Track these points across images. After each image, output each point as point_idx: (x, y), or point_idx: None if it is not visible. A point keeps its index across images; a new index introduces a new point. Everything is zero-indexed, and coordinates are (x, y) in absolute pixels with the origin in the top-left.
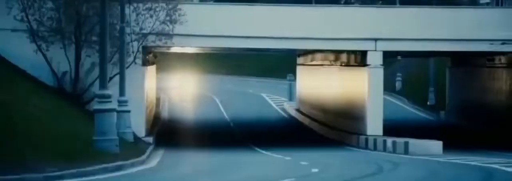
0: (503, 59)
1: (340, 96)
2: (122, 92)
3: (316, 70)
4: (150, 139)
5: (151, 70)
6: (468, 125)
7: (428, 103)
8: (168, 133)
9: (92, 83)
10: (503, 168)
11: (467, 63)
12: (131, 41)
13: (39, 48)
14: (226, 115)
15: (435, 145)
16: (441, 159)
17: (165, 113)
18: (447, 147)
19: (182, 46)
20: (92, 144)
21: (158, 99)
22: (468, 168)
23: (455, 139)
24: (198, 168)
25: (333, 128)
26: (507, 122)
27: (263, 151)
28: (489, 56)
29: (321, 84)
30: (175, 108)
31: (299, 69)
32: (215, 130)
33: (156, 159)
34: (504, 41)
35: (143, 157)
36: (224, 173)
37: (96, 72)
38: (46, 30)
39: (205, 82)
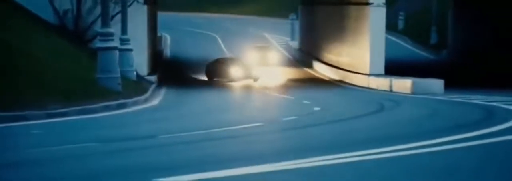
0: None
1: (342, 36)
2: (124, 30)
3: (319, 9)
4: (152, 78)
5: (152, 8)
6: (469, 64)
7: (430, 42)
8: (170, 71)
9: (94, 21)
10: (504, 106)
11: (472, 2)
12: None
13: None
14: (228, 54)
15: (437, 84)
16: (442, 98)
17: (166, 51)
18: (448, 86)
19: None
20: (95, 82)
21: (159, 37)
22: (469, 106)
23: (456, 78)
24: (200, 106)
25: (336, 67)
26: (508, 61)
27: (265, 90)
28: None
29: (324, 24)
30: (176, 46)
31: (301, 9)
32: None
33: (158, 97)
34: None
35: (146, 95)
36: (226, 112)
37: (98, 10)
38: None
39: (205, 21)
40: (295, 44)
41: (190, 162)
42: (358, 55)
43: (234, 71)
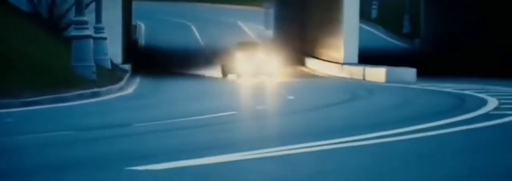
0: None
1: (316, 25)
2: (98, 19)
3: None
4: (127, 67)
5: None
6: (441, 53)
7: (403, 31)
8: (145, 60)
9: (68, 9)
10: (475, 94)
11: None
12: None
13: None
14: (202, 43)
15: (410, 73)
16: (415, 86)
17: (141, 40)
18: (421, 75)
19: None
20: (70, 71)
21: (134, 26)
22: (441, 95)
23: (429, 67)
24: (175, 95)
25: (311, 56)
26: (481, 50)
27: (239, 79)
28: None
29: (298, 12)
30: (151, 35)
31: None
32: (192, 58)
33: (133, 86)
34: None
35: (120, 84)
36: (201, 100)
37: None
38: None
39: (180, 9)
40: (269, 33)
41: (164, 150)
42: (332, 44)
43: (240, 65)
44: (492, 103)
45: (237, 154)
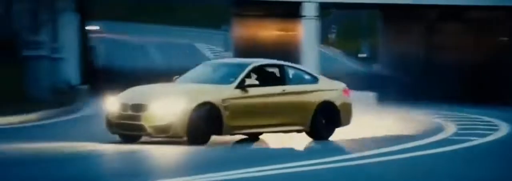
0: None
1: (276, 48)
2: (54, 38)
3: (252, 20)
4: (84, 87)
5: (84, 17)
6: (400, 77)
7: (362, 55)
8: (103, 81)
9: (24, 29)
10: (433, 119)
11: (399, 17)
12: None
13: None
14: (160, 65)
15: (369, 97)
16: None
17: (98, 62)
18: (381, 99)
19: None
20: (24, 92)
21: (92, 47)
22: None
23: (388, 91)
24: None
25: None
26: (435, 74)
27: None
28: (422, 10)
29: (257, 35)
30: (108, 57)
31: (234, 20)
32: (151, 79)
33: (90, 107)
34: None
35: (77, 105)
36: None
37: (28, 17)
38: None
39: (136, 31)
40: (229, 55)
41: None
42: None
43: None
44: (450, 128)
45: None
